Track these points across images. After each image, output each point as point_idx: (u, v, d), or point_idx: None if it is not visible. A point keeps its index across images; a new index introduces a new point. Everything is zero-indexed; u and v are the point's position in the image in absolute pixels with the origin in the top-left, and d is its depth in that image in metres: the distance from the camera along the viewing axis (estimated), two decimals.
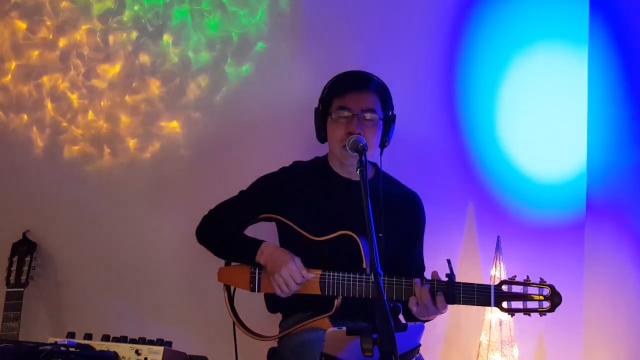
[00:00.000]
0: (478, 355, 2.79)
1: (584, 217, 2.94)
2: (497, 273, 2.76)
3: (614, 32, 2.95)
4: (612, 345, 2.87)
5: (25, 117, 3.06)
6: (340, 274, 2.31)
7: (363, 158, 2.07)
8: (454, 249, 2.93)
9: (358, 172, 2.01)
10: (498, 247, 2.79)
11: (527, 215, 2.95)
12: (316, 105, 2.48)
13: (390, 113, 2.44)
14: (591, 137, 2.97)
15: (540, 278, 2.22)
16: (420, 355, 2.04)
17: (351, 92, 2.39)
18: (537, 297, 2.20)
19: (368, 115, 2.37)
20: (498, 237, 2.80)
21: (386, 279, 2.26)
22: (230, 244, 2.46)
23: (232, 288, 2.49)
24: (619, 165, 2.90)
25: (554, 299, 2.20)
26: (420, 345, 1.86)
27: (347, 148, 2.27)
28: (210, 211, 2.54)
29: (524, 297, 2.20)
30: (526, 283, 2.21)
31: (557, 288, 2.22)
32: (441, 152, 2.98)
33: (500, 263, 2.77)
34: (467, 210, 2.96)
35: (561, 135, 2.97)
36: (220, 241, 2.49)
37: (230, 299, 2.48)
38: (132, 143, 3.05)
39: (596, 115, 2.96)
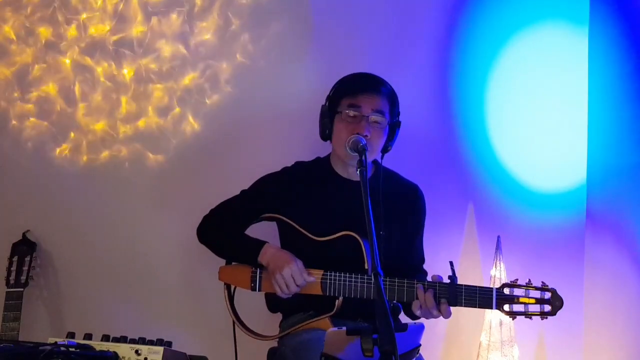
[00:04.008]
0: (478, 355, 2.78)
1: (584, 218, 2.94)
2: (497, 273, 2.76)
3: (615, 34, 2.95)
4: (612, 346, 2.87)
5: (25, 116, 3.06)
6: (342, 275, 2.31)
7: (363, 158, 2.07)
8: (454, 249, 2.93)
9: (358, 172, 2.01)
10: (498, 248, 2.79)
11: (528, 215, 2.95)
12: (321, 105, 2.48)
13: (396, 119, 2.44)
14: (591, 140, 2.96)
15: (542, 282, 2.22)
16: (420, 355, 2.04)
17: (363, 93, 2.39)
18: (539, 301, 2.20)
19: (377, 118, 2.36)
20: (498, 237, 2.80)
21: (388, 280, 2.26)
22: (233, 245, 2.46)
23: (232, 287, 2.49)
24: (619, 167, 2.90)
25: (556, 302, 2.20)
26: (420, 345, 1.86)
27: (347, 148, 2.27)
28: (212, 210, 2.53)
29: (526, 300, 2.20)
30: (528, 286, 2.21)
31: (557, 288, 2.22)
32: (441, 152, 2.98)
33: (500, 263, 2.77)
34: (467, 211, 2.96)
35: (561, 137, 2.96)
36: (222, 241, 2.48)
37: (231, 298, 2.48)
38: (132, 143, 3.04)
39: (597, 118, 2.95)
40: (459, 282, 2.24)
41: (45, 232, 3.03)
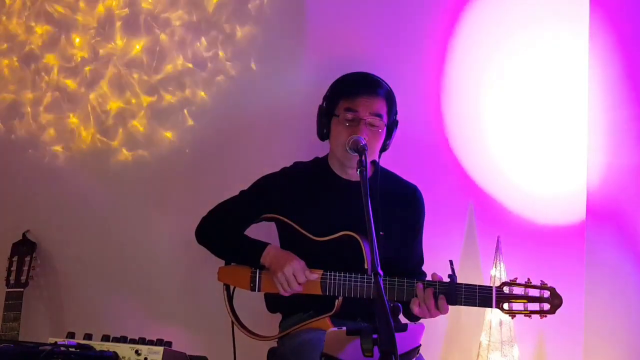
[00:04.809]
0: (478, 355, 2.78)
1: (584, 216, 2.93)
2: (497, 273, 2.76)
3: (615, 34, 2.94)
4: (612, 345, 2.87)
5: (25, 116, 3.06)
6: (342, 275, 2.31)
7: (363, 158, 2.07)
8: (454, 249, 2.93)
9: (358, 172, 2.01)
10: (498, 247, 2.79)
11: (527, 215, 2.94)
12: (319, 104, 2.48)
13: (393, 118, 2.44)
14: (591, 137, 2.96)
15: (541, 280, 2.23)
16: (420, 355, 2.04)
17: (360, 96, 2.38)
18: (538, 299, 2.20)
19: (375, 121, 2.36)
20: (498, 237, 2.80)
21: (388, 279, 2.26)
22: (234, 246, 2.46)
23: (231, 288, 2.49)
24: (619, 165, 2.89)
25: (555, 301, 2.21)
26: (420, 345, 1.86)
27: (347, 148, 2.27)
28: (210, 211, 2.53)
29: (525, 298, 2.20)
30: (527, 285, 2.22)
31: (557, 287, 2.23)
32: (441, 152, 2.97)
33: (500, 263, 2.77)
34: (467, 210, 2.96)
35: (561, 138, 2.96)
36: (223, 242, 2.48)
37: (230, 298, 2.48)
38: (132, 144, 3.04)
39: (596, 116, 2.95)
40: (459, 281, 2.25)
41: (45, 232, 3.03)
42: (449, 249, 2.89)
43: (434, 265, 2.51)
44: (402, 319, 2.36)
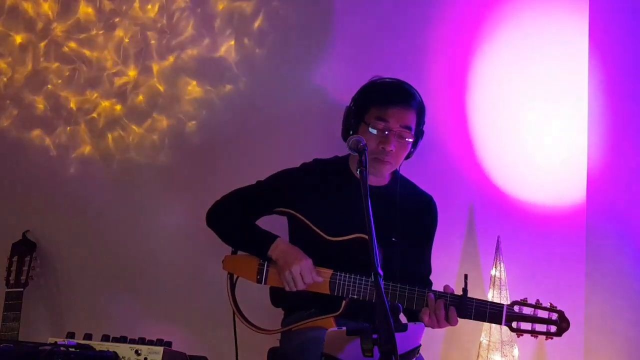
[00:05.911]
0: (478, 355, 2.79)
1: (585, 216, 2.94)
2: (497, 273, 2.76)
3: (615, 34, 2.95)
4: (612, 345, 2.87)
5: (25, 116, 3.06)
6: (351, 276, 2.31)
7: (363, 158, 2.06)
8: (454, 249, 2.93)
9: (358, 172, 2.00)
10: (498, 247, 2.79)
11: (528, 215, 2.95)
12: (341, 103, 2.47)
13: (420, 129, 2.44)
14: (591, 137, 2.96)
15: (550, 303, 2.26)
16: (420, 355, 2.04)
17: (393, 106, 2.36)
18: (545, 321, 2.24)
19: (404, 133, 2.36)
20: (498, 237, 2.80)
21: (399, 286, 2.26)
22: (243, 233, 2.44)
23: (234, 277, 2.47)
24: (619, 164, 2.90)
25: (562, 324, 2.24)
26: (420, 345, 1.86)
27: (348, 148, 2.27)
28: (225, 196, 2.51)
29: (534, 319, 2.23)
30: (537, 306, 2.25)
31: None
32: (442, 152, 2.98)
33: (500, 263, 2.77)
34: (467, 210, 2.96)
35: (561, 135, 2.96)
36: (232, 229, 2.46)
37: (232, 288, 2.46)
38: (132, 142, 3.04)
39: (596, 115, 2.96)
40: (472, 297, 2.25)
41: (45, 232, 3.03)
42: (449, 249, 2.89)
43: (434, 266, 2.52)
44: (402, 318, 2.36)
